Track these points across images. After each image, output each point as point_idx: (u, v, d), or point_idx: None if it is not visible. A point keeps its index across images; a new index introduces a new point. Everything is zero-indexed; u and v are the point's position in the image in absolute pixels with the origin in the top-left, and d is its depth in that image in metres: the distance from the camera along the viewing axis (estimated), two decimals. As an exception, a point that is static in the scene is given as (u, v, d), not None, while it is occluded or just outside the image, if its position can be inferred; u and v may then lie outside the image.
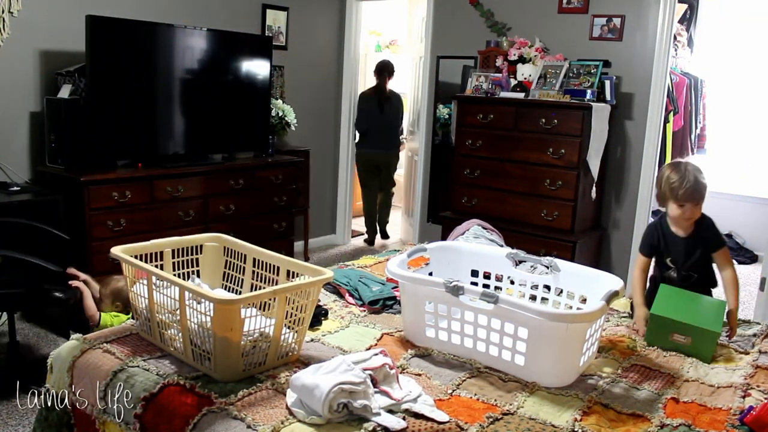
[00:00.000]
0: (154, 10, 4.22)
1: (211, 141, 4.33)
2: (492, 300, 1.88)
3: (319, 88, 5.56)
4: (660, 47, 4.20)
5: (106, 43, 3.64)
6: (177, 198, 3.93)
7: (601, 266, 4.41)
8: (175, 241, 2.22)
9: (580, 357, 1.90)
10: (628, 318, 2.52)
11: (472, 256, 2.50)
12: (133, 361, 1.87)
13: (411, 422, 1.61)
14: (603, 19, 4.37)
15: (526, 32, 4.63)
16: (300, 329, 1.92)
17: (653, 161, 4.36)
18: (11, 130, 3.70)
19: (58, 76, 3.76)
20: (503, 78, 4.48)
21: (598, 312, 1.88)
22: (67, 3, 3.80)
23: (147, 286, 1.94)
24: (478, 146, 4.50)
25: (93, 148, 3.68)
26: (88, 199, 3.49)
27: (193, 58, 4.11)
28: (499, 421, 1.65)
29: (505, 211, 4.42)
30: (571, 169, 4.13)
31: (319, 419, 1.58)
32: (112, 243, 3.17)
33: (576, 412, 1.71)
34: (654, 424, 1.68)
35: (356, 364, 1.69)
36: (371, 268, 2.90)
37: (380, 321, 2.32)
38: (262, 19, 4.98)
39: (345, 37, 5.65)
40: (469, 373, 1.93)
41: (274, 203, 4.57)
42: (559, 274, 2.29)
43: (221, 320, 1.73)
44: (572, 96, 4.14)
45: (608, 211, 4.55)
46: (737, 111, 6.26)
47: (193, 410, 1.64)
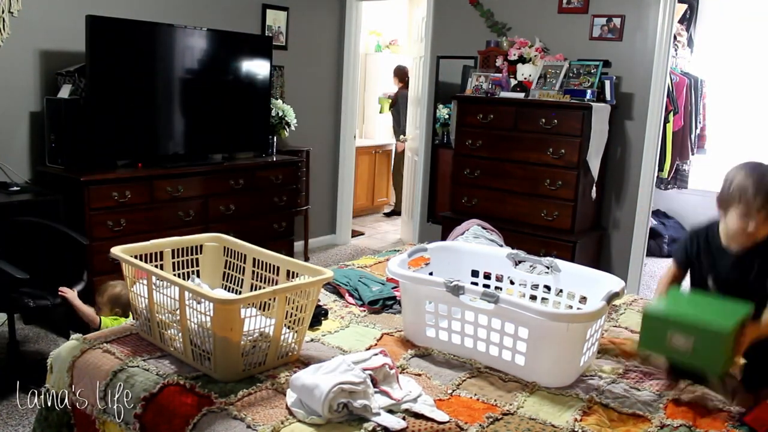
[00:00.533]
0: (154, 10, 4.22)
1: (211, 141, 4.33)
2: (492, 300, 1.88)
3: (319, 87, 5.56)
4: (660, 47, 4.20)
5: (106, 43, 3.64)
6: (177, 198, 3.93)
7: (601, 266, 4.41)
8: (175, 241, 2.22)
9: (580, 357, 1.90)
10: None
11: (472, 256, 2.50)
12: (133, 361, 1.87)
13: (411, 422, 1.61)
14: (603, 19, 4.37)
15: (526, 32, 4.63)
16: (300, 329, 1.92)
17: (653, 161, 4.36)
18: (11, 130, 3.69)
19: (58, 76, 3.76)
20: (503, 78, 4.48)
21: (599, 312, 1.88)
22: (67, 3, 3.80)
23: (147, 286, 1.94)
24: (478, 146, 4.50)
25: (93, 148, 3.68)
26: (88, 199, 3.49)
27: (193, 58, 4.11)
28: (499, 421, 1.65)
29: (505, 211, 4.42)
30: (571, 169, 4.13)
31: (319, 419, 1.58)
32: (112, 243, 3.16)
33: (576, 412, 1.71)
34: (654, 424, 1.68)
35: (356, 364, 1.69)
36: (371, 268, 2.90)
37: (380, 321, 2.32)
38: (262, 19, 4.97)
39: (345, 37, 5.65)
40: (469, 373, 1.93)
41: (274, 203, 4.57)
42: (560, 274, 2.29)
43: (221, 320, 1.73)
44: (572, 96, 4.14)
45: (608, 211, 4.55)
46: (737, 111, 6.25)
47: (193, 410, 1.64)
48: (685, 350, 1.69)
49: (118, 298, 2.99)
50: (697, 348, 1.67)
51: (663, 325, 1.74)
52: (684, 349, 1.69)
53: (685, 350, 1.69)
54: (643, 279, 4.62)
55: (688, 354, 1.69)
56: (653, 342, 1.78)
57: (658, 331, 1.75)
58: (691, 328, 1.69)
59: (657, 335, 1.75)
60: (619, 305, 2.61)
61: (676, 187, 6.25)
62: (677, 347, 1.70)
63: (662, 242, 6.06)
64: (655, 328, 1.76)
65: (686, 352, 1.69)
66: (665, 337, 1.72)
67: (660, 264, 5.79)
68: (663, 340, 1.73)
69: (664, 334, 1.72)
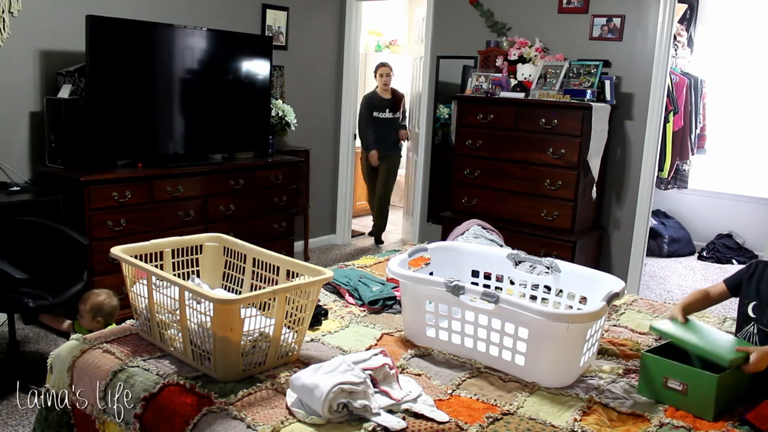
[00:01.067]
0: (154, 10, 4.22)
1: (211, 141, 4.33)
2: (493, 300, 1.88)
3: (319, 87, 5.56)
4: (660, 47, 4.20)
5: (106, 43, 3.64)
6: (177, 198, 3.93)
7: (601, 266, 4.41)
8: (175, 241, 2.22)
9: (580, 357, 1.90)
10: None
11: (472, 256, 2.50)
12: (133, 361, 1.87)
13: (411, 422, 1.61)
14: (603, 19, 4.37)
15: (526, 32, 4.63)
16: (300, 329, 1.92)
17: (653, 161, 4.36)
18: (11, 130, 3.69)
19: (58, 76, 3.76)
20: (503, 78, 4.48)
21: (599, 312, 1.88)
22: (67, 3, 3.80)
23: (147, 286, 1.94)
24: (478, 146, 4.50)
25: (93, 148, 3.68)
26: (88, 199, 3.48)
27: (193, 58, 4.11)
28: (499, 421, 1.65)
29: (505, 211, 4.42)
30: (571, 169, 4.13)
31: (319, 419, 1.58)
32: (112, 243, 3.18)
33: (576, 412, 1.71)
34: (654, 424, 1.68)
35: (356, 364, 1.69)
36: (371, 268, 2.90)
37: (380, 321, 2.32)
38: (262, 19, 4.97)
39: (345, 37, 5.65)
40: (469, 373, 1.93)
41: (274, 203, 4.57)
42: (560, 274, 2.29)
43: (221, 320, 1.73)
44: (572, 96, 4.14)
45: (608, 211, 4.55)
46: (737, 111, 6.26)
47: (193, 410, 1.64)
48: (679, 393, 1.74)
49: (100, 307, 3.00)
50: (691, 392, 1.72)
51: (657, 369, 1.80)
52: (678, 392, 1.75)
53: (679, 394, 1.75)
54: (643, 279, 4.63)
55: (683, 399, 1.74)
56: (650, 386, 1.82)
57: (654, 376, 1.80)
58: (682, 373, 1.75)
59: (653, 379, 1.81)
60: (619, 305, 2.61)
61: (676, 187, 6.25)
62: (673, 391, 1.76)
63: (662, 242, 6.06)
64: (651, 372, 1.81)
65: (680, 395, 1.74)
66: (661, 381, 1.78)
67: (660, 264, 5.80)
68: (659, 384, 1.79)
69: (660, 379, 1.78)
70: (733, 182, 6.21)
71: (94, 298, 3.03)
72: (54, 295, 2.94)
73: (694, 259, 6.05)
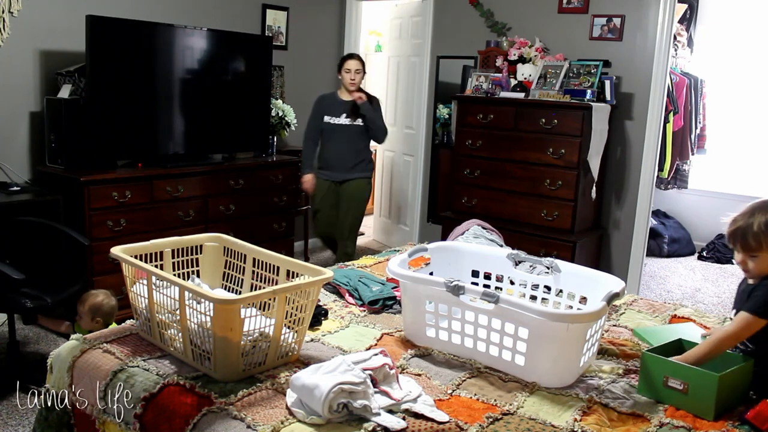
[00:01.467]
0: (154, 10, 4.22)
1: (211, 141, 4.33)
2: (493, 300, 1.88)
3: (319, 88, 5.55)
4: (660, 47, 4.20)
5: (106, 43, 3.64)
6: (177, 198, 3.93)
7: (601, 266, 4.41)
8: (175, 241, 2.22)
9: (580, 357, 1.89)
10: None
11: (472, 256, 2.50)
12: (133, 361, 1.87)
13: (411, 422, 1.61)
14: (603, 19, 4.37)
15: (526, 32, 4.63)
16: (300, 329, 1.92)
17: (653, 161, 4.36)
18: (11, 130, 3.69)
19: (58, 76, 3.76)
20: (503, 78, 4.48)
21: (599, 312, 1.88)
22: (67, 3, 3.80)
23: (147, 286, 1.94)
24: (478, 146, 4.50)
25: (93, 148, 3.68)
26: (88, 199, 3.49)
27: (193, 58, 4.11)
28: (499, 421, 1.65)
29: (505, 211, 4.42)
30: (571, 169, 4.13)
31: (319, 419, 1.58)
32: (112, 243, 3.18)
33: (576, 412, 1.71)
34: (654, 424, 1.68)
35: (356, 364, 1.69)
36: (371, 268, 2.90)
37: (380, 321, 2.32)
38: (262, 19, 4.98)
39: (345, 37, 5.65)
40: (469, 373, 1.93)
41: (274, 203, 4.57)
42: (560, 274, 2.29)
43: (221, 320, 1.73)
44: (572, 96, 4.14)
45: (608, 211, 4.55)
46: (737, 111, 6.26)
47: (193, 410, 1.64)
48: (680, 393, 1.74)
49: (99, 307, 3.00)
50: (692, 392, 1.72)
51: (658, 368, 1.79)
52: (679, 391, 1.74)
53: (680, 393, 1.74)
54: (643, 279, 4.63)
55: (684, 398, 1.73)
56: (650, 386, 1.82)
57: (654, 375, 1.80)
58: (684, 372, 1.74)
59: (653, 379, 1.80)
60: (619, 305, 2.61)
61: (676, 187, 6.25)
62: (674, 390, 1.75)
63: (662, 242, 6.06)
64: (651, 371, 1.81)
65: (681, 395, 1.74)
66: (661, 380, 1.78)
67: (660, 264, 5.80)
68: (659, 383, 1.79)
69: (660, 378, 1.78)
70: (733, 182, 6.21)
71: (92, 298, 3.03)
72: (53, 296, 2.94)
73: (694, 259, 6.05)
